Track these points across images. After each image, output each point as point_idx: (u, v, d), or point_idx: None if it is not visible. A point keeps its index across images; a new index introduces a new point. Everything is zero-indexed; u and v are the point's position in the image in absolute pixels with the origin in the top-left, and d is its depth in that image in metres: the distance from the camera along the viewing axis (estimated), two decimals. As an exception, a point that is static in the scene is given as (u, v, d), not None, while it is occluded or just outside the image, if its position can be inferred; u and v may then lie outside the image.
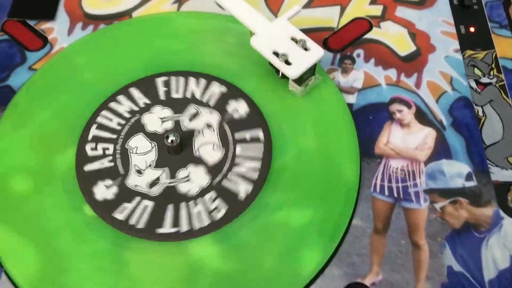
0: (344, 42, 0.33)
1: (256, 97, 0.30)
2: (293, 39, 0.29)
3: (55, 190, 0.27)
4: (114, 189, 0.27)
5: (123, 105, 0.30)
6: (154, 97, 0.30)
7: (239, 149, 0.28)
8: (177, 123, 0.29)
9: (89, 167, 0.28)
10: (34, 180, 0.27)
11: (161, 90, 0.30)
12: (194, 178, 0.27)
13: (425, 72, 0.31)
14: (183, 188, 0.27)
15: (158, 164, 0.28)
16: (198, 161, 0.28)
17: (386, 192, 0.28)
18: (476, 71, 0.32)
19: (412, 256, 0.26)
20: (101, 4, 0.34)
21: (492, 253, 0.26)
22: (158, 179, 0.27)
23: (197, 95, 0.30)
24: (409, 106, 0.30)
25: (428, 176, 0.28)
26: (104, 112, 0.29)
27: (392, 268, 0.26)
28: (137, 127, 0.29)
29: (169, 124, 0.29)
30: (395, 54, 0.32)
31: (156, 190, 0.27)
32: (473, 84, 0.31)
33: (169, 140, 0.27)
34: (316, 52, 0.29)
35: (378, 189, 0.28)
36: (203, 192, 0.27)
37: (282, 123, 0.29)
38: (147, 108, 0.30)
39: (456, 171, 0.28)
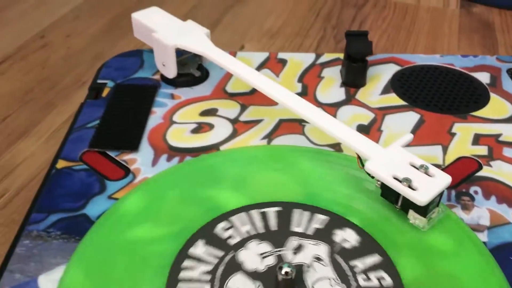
0: (456, 179, 0.30)
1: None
2: (412, 165, 0.26)
3: None
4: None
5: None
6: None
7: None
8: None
9: None
10: None
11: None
12: None
13: (557, 210, 0.28)
14: None
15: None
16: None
17: None
18: None
19: None
20: (186, 138, 0.32)
21: None
22: None
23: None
24: (553, 245, 0.26)
25: None
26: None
27: None
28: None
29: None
30: (517, 192, 0.29)
31: None
32: None
33: (283, 272, 0.22)
34: (443, 178, 0.25)
35: None
36: None
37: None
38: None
39: None
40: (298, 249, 0.25)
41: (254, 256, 0.25)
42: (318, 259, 0.25)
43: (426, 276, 0.24)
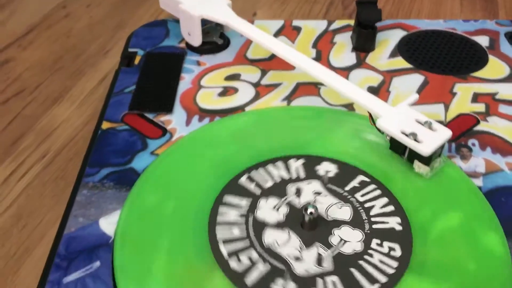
0: (455, 133, 0.33)
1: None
2: (417, 121, 0.30)
3: None
4: (292, 285, 0.25)
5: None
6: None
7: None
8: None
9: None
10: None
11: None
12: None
13: (545, 159, 0.32)
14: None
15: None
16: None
17: (542, 271, 0.26)
18: None
19: None
20: (215, 101, 0.36)
21: None
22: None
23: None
24: (539, 189, 0.30)
25: None
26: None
27: None
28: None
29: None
30: (510, 144, 0.33)
31: (327, 265, 0.25)
32: None
33: (309, 212, 0.26)
34: (445, 132, 0.29)
35: (531, 268, 0.26)
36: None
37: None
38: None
39: None
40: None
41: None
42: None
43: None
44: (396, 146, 0.31)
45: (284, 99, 0.36)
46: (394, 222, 0.27)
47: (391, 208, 0.28)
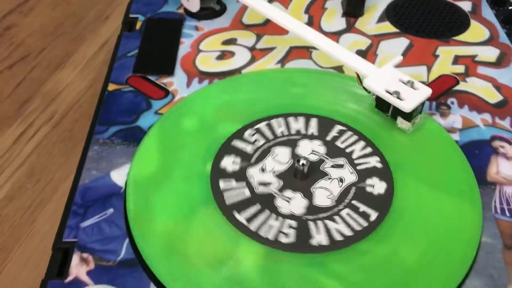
0: (436, 93, 0.36)
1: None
2: (401, 81, 0.33)
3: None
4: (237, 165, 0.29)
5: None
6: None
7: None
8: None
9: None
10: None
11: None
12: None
13: (517, 116, 0.35)
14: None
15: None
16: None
17: (508, 213, 0.29)
18: (562, 116, 0.35)
19: (548, 268, 0.26)
20: (213, 64, 0.38)
21: None
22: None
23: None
24: (510, 142, 0.33)
25: (544, 199, 0.29)
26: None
27: (531, 279, 0.26)
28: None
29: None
30: (486, 102, 0.35)
31: (260, 190, 0.29)
32: None
33: (301, 163, 0.29)
34: (425, 91, 0.32)
35: (499, 211, 0.29)
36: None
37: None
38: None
39: None
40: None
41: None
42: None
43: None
44: (381, 104, 0.33)
45: (278, 62, 0.39)
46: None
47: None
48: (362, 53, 0.40)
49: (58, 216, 0.36)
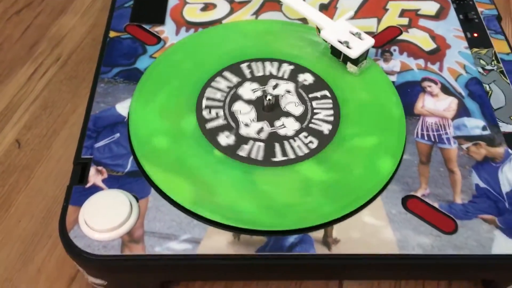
0: (383, 41, 0.44)
1: (319, 72, 0.41)
2: (351, 32, 0.40)
3: (189, 143, 0.36)
4: (233, 138, 0.36)
5: (221, 84, 0.40)
6: (242, 76, 0.40)
7: (314, 103, 0.39)
8: (264, 92, 0.39)
9: (209, 125, 0.37)
10: (171, 138, 0.36)
11: (246, 71, 0.41)
12: (288, 125, 0.37)
13: (445, 62, 0.42)
14: (282, 132, 0.37)
15: (259, 119, 0.38)
16: (287, 114, 0.38)
17: (426, 138, 0.37)
18: (482, 61, 0.43)
19: (449, 177, 0.35)
20: (198, 15, 0.45)
21: (506, 175, 0.35)
22: (262, 128, 0.37)
23: (274, 73, 0.40)
24: (436, 83, 0.41)
25: (455, 128, 0.38)
26: (209, 89, 0.39)
27: (435, 185, 0.35)
28: (236, 97, 0.39)
29: (259, 93, 0.39)
30: (422, 50, 0.43)
31: (263, 135, 0.37)
32: (480, 70, 0.42)
33: (268, 99, 0.37)
34: (369, 41, 0.40)
35: (419, 136, 0.38)
36: (297, 133, 0.37)
37: (343, 88, 0.40)
38: (239, 84, 0.40)
39: (475, 124, 0.38)
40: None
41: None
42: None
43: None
44: (334, 52, 0.41)
45: (253, 14, 0.46)
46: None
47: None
48: (325, 6, 0.47)
49: (71, 142, 0.44)
